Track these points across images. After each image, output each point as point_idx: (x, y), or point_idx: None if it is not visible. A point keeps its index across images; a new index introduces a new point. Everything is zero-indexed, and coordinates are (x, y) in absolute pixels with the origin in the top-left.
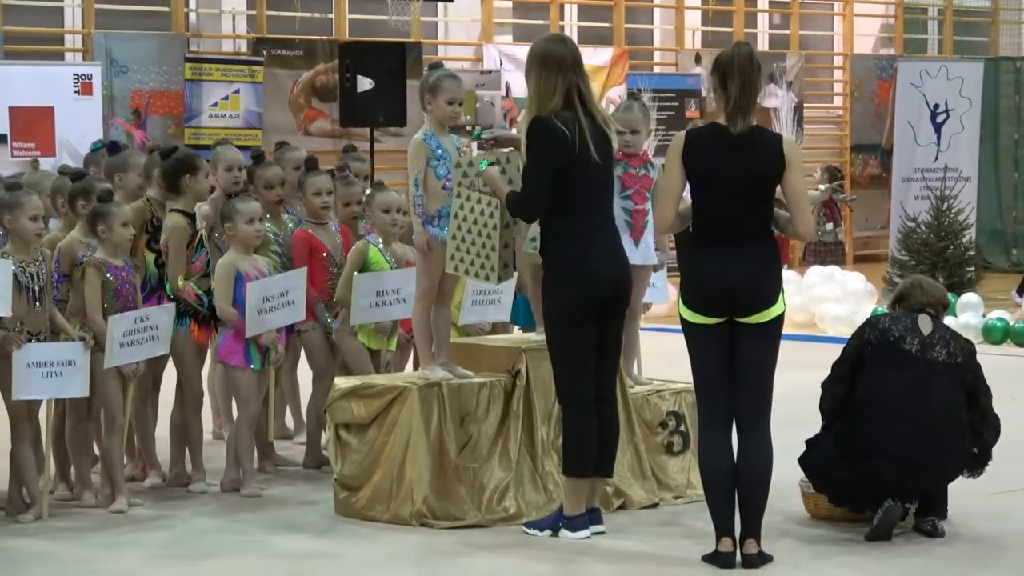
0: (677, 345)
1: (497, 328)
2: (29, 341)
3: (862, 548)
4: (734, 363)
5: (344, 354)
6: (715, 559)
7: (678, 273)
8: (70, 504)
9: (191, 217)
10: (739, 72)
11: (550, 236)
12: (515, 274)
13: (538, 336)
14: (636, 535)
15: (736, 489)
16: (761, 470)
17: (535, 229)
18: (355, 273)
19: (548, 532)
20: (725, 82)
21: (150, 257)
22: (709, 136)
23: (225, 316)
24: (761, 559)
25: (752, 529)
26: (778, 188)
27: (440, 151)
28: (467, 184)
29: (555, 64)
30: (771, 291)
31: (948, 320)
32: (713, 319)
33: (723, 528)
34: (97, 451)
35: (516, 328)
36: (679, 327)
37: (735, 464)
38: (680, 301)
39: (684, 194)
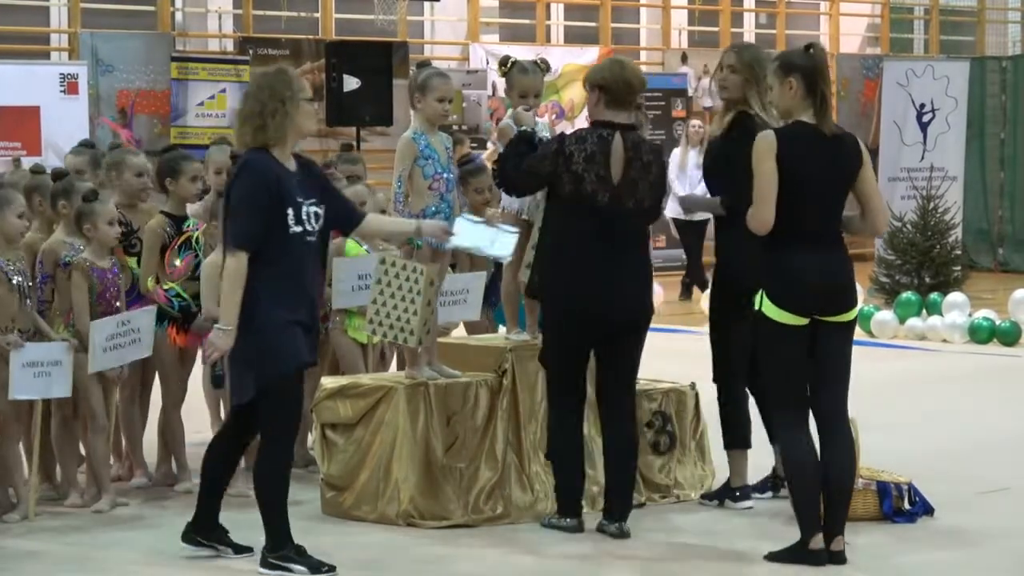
0: (664, 344)
1: (481, 328)
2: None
3: (848, 549)
4: (818, 362)
5: (336, 351)
6: (806, 558)
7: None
8: (55, 504)
9: (176, 219)
10: (825, 72)
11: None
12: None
13: (520, 336)
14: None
15: (825, 488)
16: (849, 466)
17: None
18: (334, 258)
19: (716, 502)
20: (814, 83)
21: (132, 260)
22: (804, 136)
23: (211, 316)
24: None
25: (840, 525)
26: None
27: (428, 150)
28: (390, 261)
29: None
30: (856, 290)
31: (934, 320)
32: (802, 319)
33: (814, 526)
34: (83, 451)
35: (501, 327)
36: (667, 327)
37: (819, 461)
38: (765, 301)
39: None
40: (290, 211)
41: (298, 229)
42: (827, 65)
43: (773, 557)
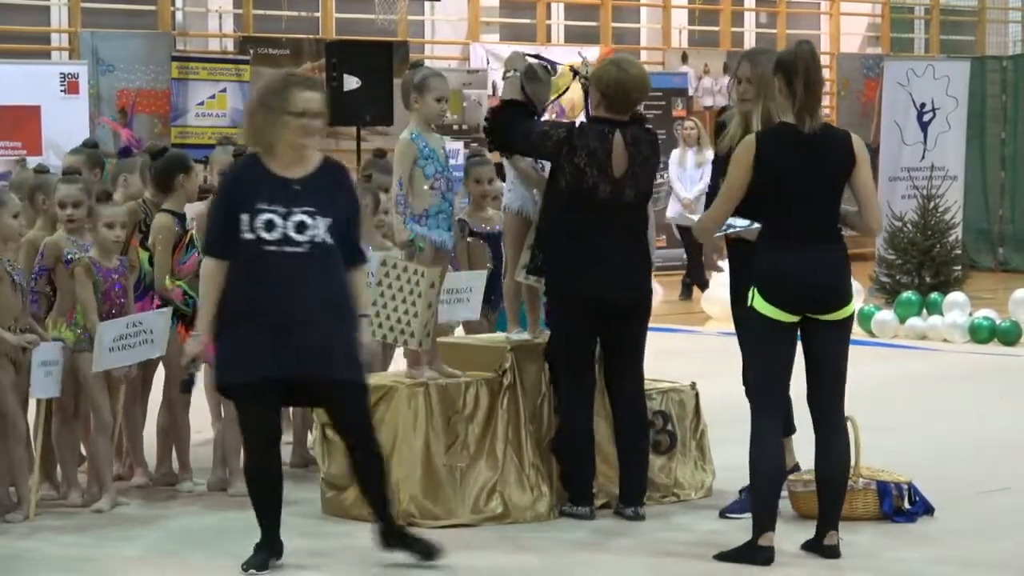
0: (664, 344)
1: (480, 328)
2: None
3: (848, 548)
4: (812, 360)
5: None
6: (755, 555)
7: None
8: (56, 503)
9: (180, 217)
10: (803, 70)
11: None
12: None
13: (521, 335)
14: (623, 533)
15: (819, 484)
16: (847, 464)
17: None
18: None
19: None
20: (791, 82)
21: (144, 255)
22: (782, 137)
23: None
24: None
25: (834, 521)
26: None
27: (427, 150)
28: (391, 263)
29: None
30: (850, 288)
31: (935, 320)
32: (792, 316)
33: (769, 523)
34: (84, 451)
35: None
36: (667, 327)
37: (783, 460)
38: (755, 296)
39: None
40: (244, 217)
41: (250, 236)
42: (809, 63)
43: (722, 557)
